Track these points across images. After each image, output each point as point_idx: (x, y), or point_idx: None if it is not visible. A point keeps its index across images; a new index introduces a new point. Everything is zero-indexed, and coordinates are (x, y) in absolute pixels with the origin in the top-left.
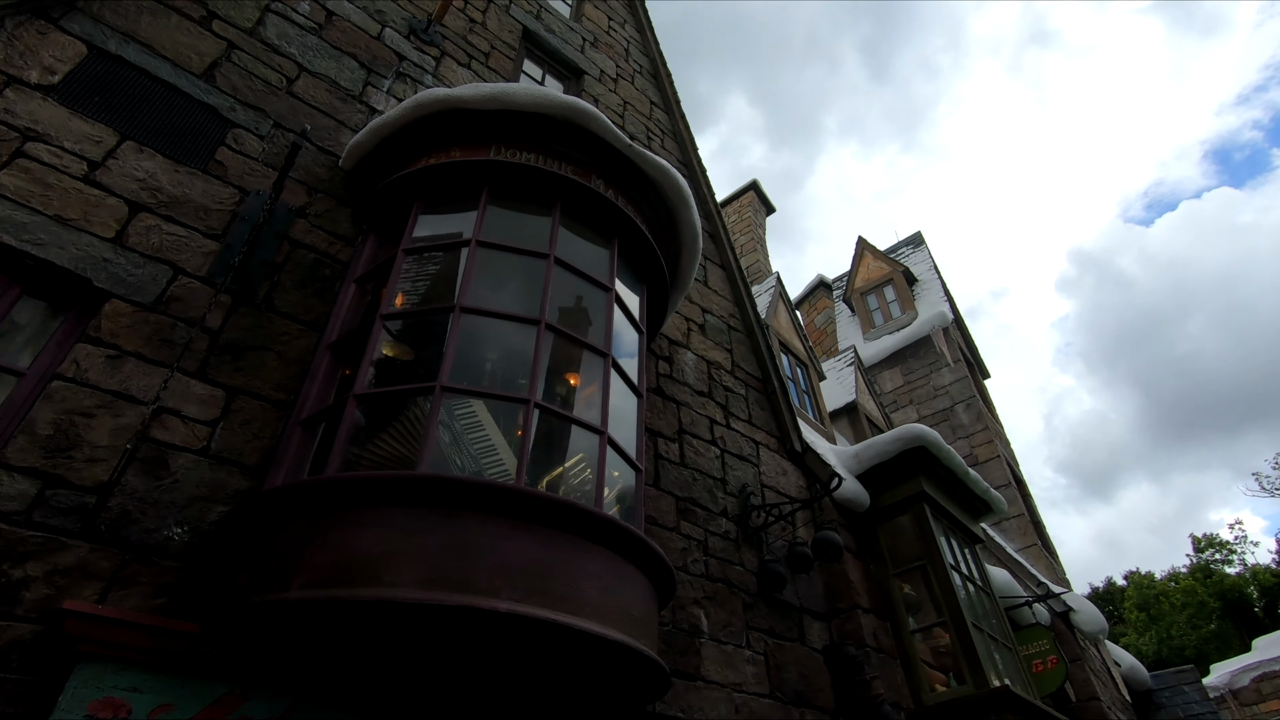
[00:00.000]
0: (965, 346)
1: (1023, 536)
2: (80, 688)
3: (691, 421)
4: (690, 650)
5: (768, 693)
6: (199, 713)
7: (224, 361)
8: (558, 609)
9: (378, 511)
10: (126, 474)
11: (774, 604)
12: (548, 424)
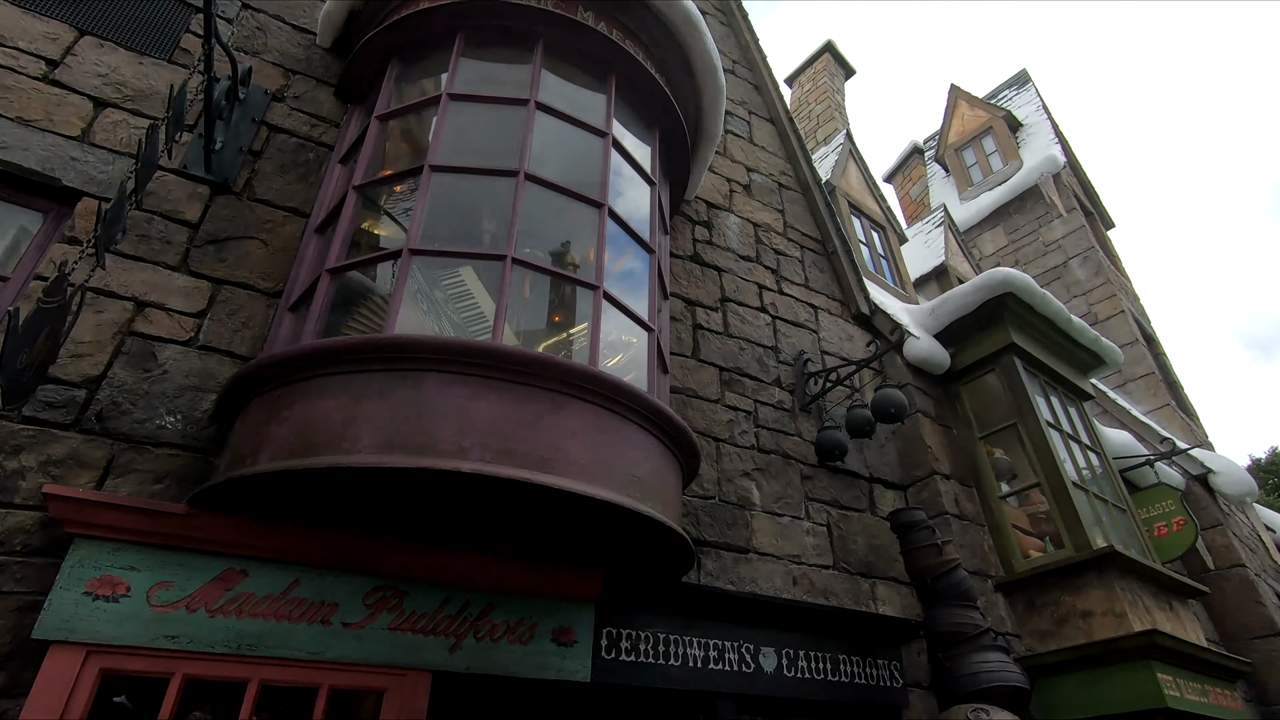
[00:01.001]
0: (1083, 194)
1: (1152, 397)
2: (76, 567)
3: (736, 289)
4: (740, 523)
5: (830, 564)
6: (198, 589)
7: (206, 254)
8: (534, 469)
9: (335, 380)
10: (114, 367)
11: (837, 474)
12: (548, 291)
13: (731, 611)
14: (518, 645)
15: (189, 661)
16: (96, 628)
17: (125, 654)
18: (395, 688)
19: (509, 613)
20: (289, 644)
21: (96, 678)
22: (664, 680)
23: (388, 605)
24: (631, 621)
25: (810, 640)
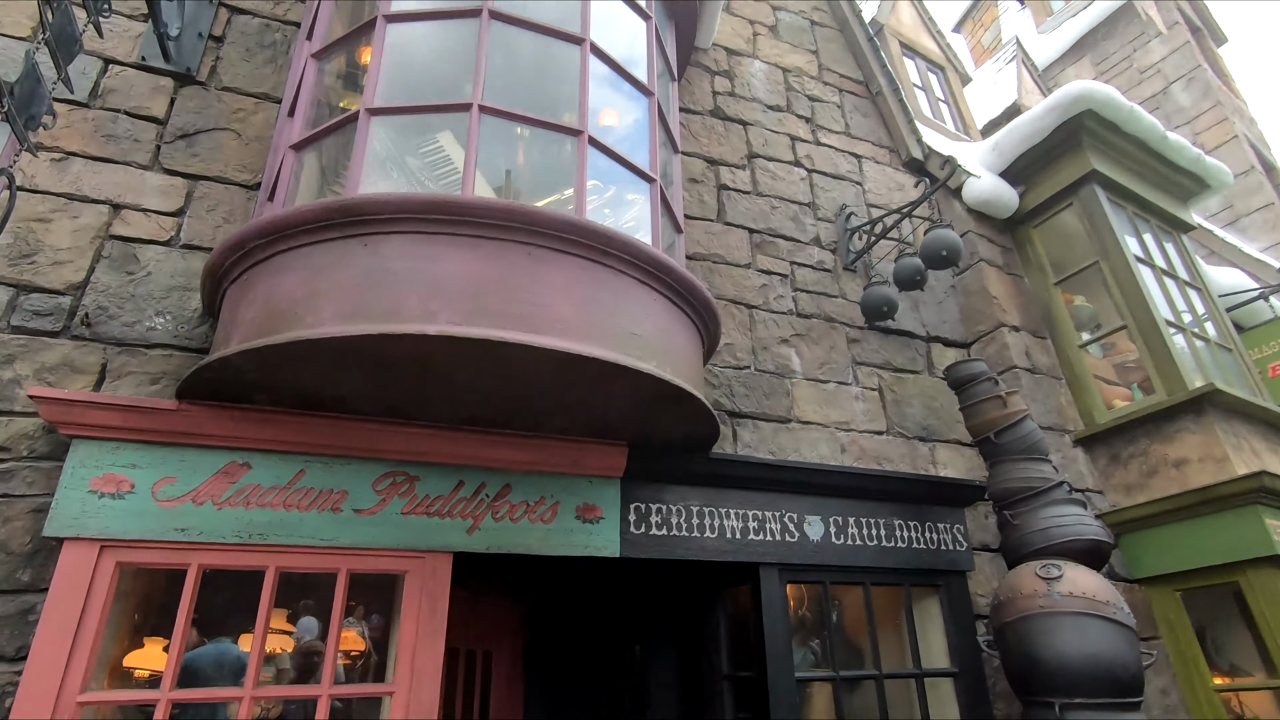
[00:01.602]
0: (1188, 6)
1: (1271, 232)
2: (78, 467)
3: (765, 143)
4: (779, 392)
5: (883, 429)
6: (203, 483)
7: (177, 150)
8: (508, 327)
9: (296, 254)
10: (97, 272)
11: (889, 335)
12: (537, 154)
13: (771, 481)
14: (540, 524)
15: (202, 552)
16: (105, 523)
17: (138, 547)
18: (415, 570)
19: (528, 492)
20: (300, 532)
21: (114, 570)
22: (699, 552)
23: (399, 490)
24: (661, 496)
25: (861, 507)
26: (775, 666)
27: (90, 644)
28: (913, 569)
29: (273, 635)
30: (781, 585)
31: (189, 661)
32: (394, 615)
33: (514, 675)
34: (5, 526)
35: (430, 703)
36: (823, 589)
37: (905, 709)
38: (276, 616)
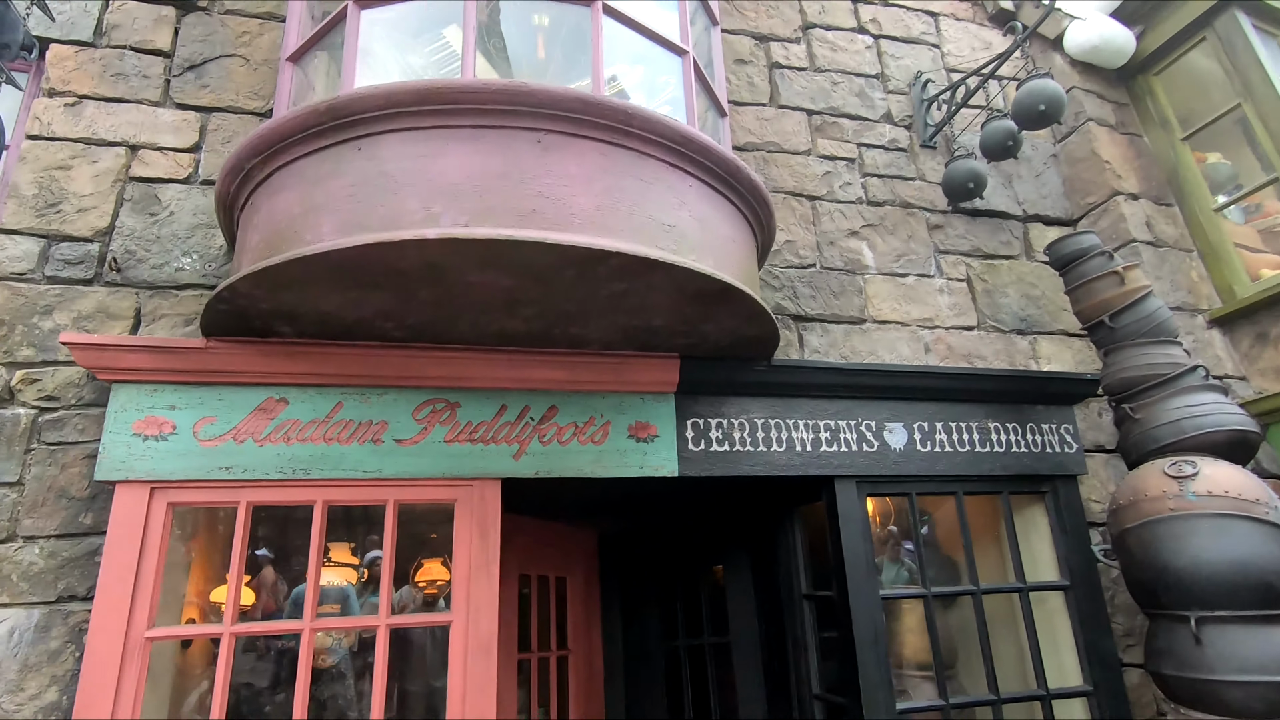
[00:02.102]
0: None
1: None
2: (119, 411)
3: (821, 10)
4: (849, 291)
5: (974, 324)
6: (242, 420)
7: (187, 82)
8: (518, 225)
9: (291, 170)
10: (121, 216)
11: (977, 217)
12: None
13: (844, 388)
14: (590, 446)
15: (250, 489)
16: (152, 465)
17: (187, 488)
18: (464, 498)
19: (575, 413)
20: (343, 465)
21: (167, 512)
22: (766, 467)
23: (440, 418)
24: (720, 410)
25: (950, 411)
26: (857, 584)
27: (152, 582)
28: (1013, 475)
29: (339, 569)
30: (860, 498)
31: (296, 596)
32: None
33: (589, 599)
34: (64, 473)
35: (488, 631)
36: (908, 501)
37: (1008, 627)
38: (340, 549)
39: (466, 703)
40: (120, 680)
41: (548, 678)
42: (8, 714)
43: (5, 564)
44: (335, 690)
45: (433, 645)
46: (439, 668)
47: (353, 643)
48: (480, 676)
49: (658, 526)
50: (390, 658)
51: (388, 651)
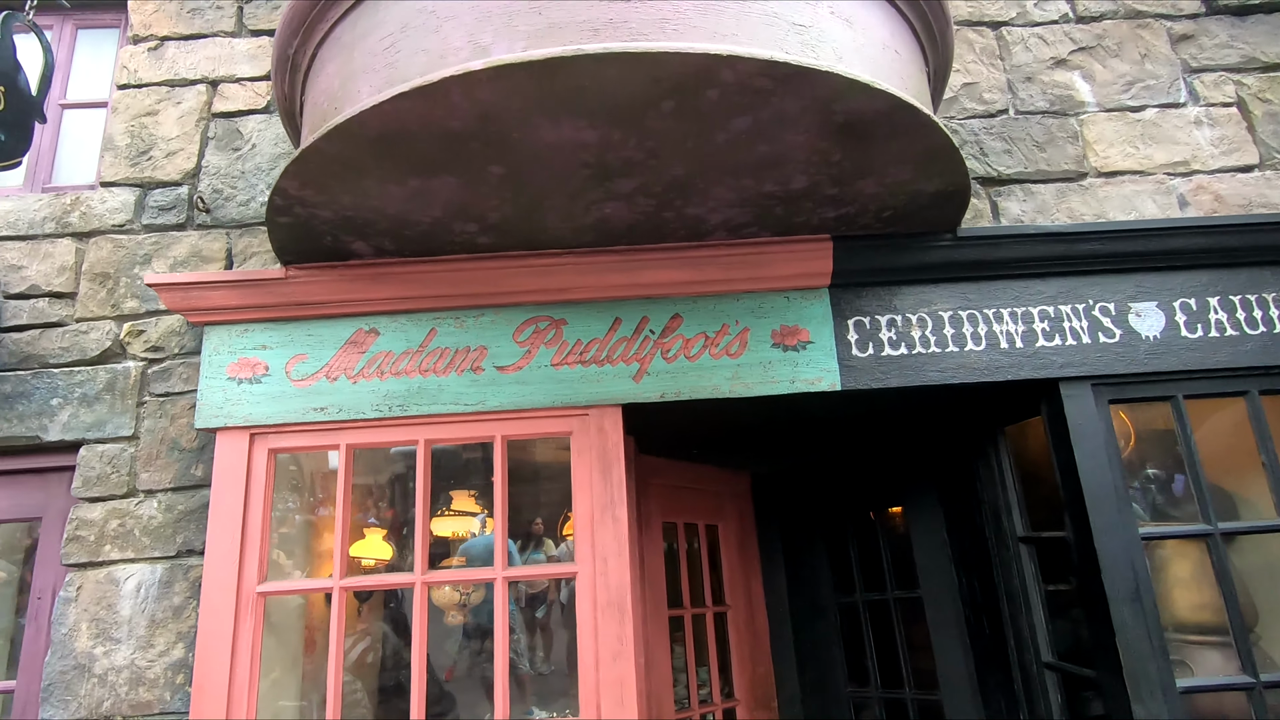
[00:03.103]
0: None
1: None
2: (213, 355)
3: None
4: (1059, 138)
5: (1253, 162)
6: (333, 356)
7: (259, 8)
8: (592, 39)
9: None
10: (206, 155)
11: (1246, 15)
12: None
13: (1065, 260)
14: (726, 360)
15: (347, 432)
16: (248, 410)
17: (285, 432)
18: (579, 430)
19: (704, 322)
20: (441, 399)
21: (268, 459)
22: (960, 372)
23: (544, 339)
24: (892, 303)
25: (1228, 279)
26: (1104, 521)
27: (259, 534)
28: None
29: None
30: (1100, 407)
31: (465, 550)
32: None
33: (746, 549)
34: (173, 425)
35: (619, 583)
36: (1172, 408)
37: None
38: (462, 497)
39: (600, 665)
40: (236, 637)
41: (704, 636)
42: (140, 671)
43: (128, 519)
44: (480, 646)
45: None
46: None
47: (519, 597)
48: (613, 635)
49: (819, 462)
50: (533, 614)
51: (506, 606)
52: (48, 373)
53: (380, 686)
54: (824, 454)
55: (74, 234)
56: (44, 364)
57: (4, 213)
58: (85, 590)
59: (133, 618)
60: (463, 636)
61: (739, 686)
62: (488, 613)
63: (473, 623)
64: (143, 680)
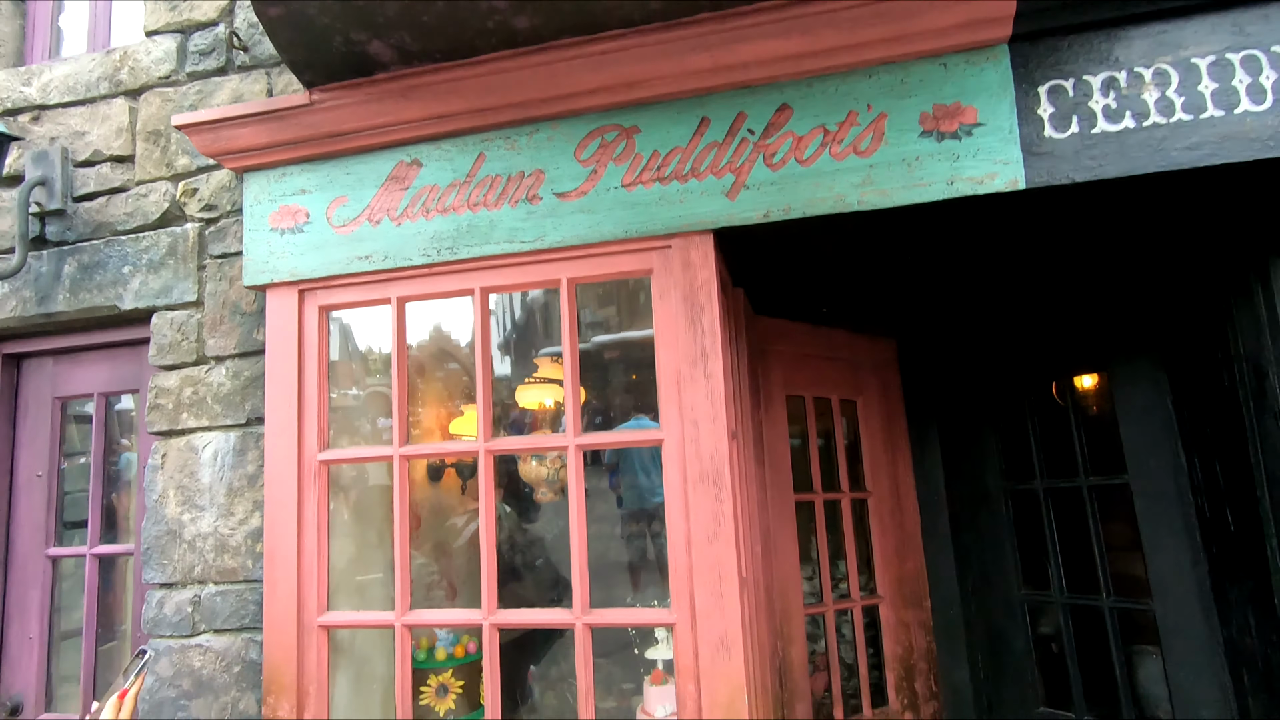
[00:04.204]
0: None
1: None
2: (254, 205)
3: None
4: None
5: None
6: (374, 196)
7: None
8: None
9: None
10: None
11: None
12: None
13: None
14: (852, 159)
15: (396, 283)
16: (293, 264)
17: (332, 287)
18: (661, 267)
19: (821, 111)
20: (494, 237)
21: (320, 318)
22: (1223, 147)
23: (612, 154)
24: (1113, 52)
25: None
26: None
27: (317, 400)
28: None
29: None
30: None
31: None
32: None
33: (891, 427)
34: (232, 288)
35: (714, 453)
36: None
37: None
38: (549, 364)
39: (693, 548)
40: (301, 506)
41: (839, 525)
42: (224, 539)
43: (200, 386)
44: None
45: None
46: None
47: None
48: (707, 512)
49: (986, 318)
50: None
51: (582, 478)
52: (117, 240)
53: (501, 567)
54: (992, 304)
55: (126, 92)
56: (114, 231)
57: (64, 77)
58: (169, 458)
59: (212, 486)
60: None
61: (882, 583)
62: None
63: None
64: (226, 548)
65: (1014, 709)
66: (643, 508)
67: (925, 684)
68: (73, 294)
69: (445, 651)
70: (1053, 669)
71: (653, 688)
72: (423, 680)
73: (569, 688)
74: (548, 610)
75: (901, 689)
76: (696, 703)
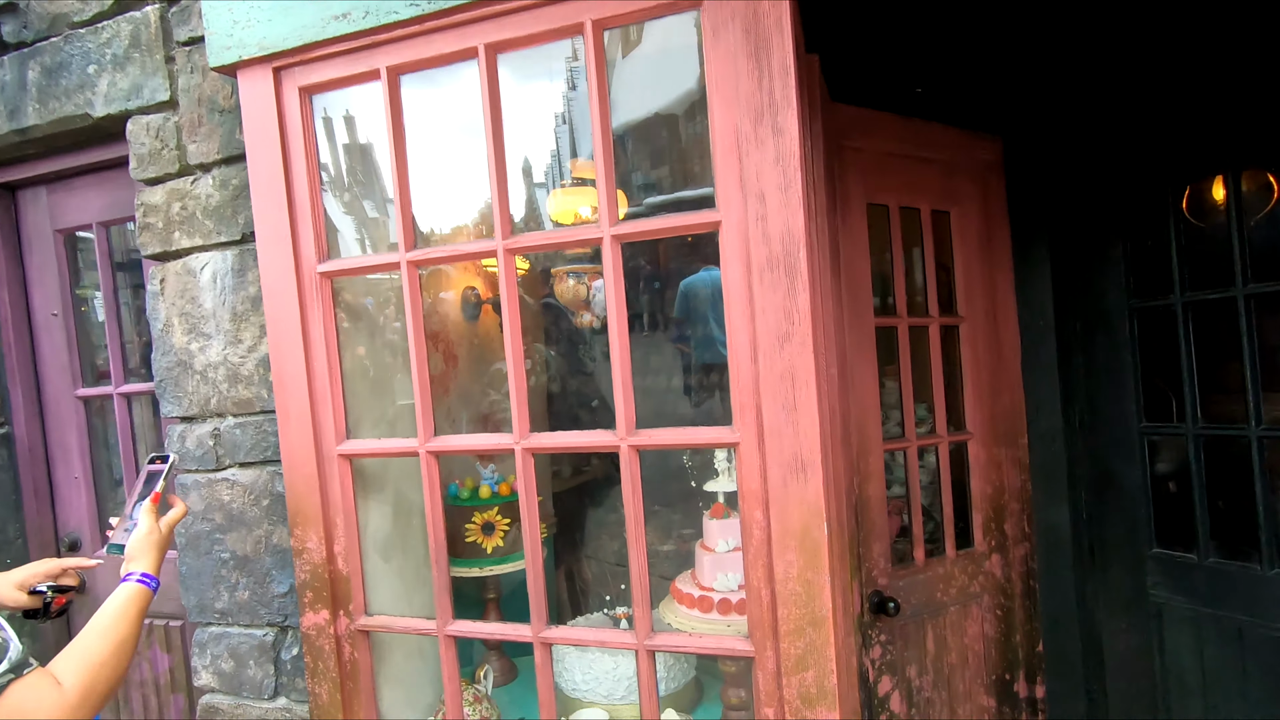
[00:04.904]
0: None
1: None
2: None
3: None
4: None
5: None
6: None
7: None
8: None
9: None
10: None
11: None
12: None
13: None
14: None
15: (382, 48)
16: (262, 33)
17: (310, 62)
18: (712, 5)
19: None
20: None
21: (302, 102)
22: None
23: None
24: None
25: None
26: None
27: (309, 204)
28: None
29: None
30: None
31: (686, 287)
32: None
33: (991, 240)
34: (205, 81)
35: (785, 232)
36: None
37: None
38: (584, 165)
39: (759, 354)
40: (306, 325)
41: (925, 354)
42: (235, 368)
43: (188, 200)
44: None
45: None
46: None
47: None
48: (776, 308)
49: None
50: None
51: (621, 275)
52: (76, 35)
53: (549, 411)
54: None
55: None
56: (70, 24)
57: None
58: (168, 283)
59: (215, 311)
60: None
61: (972, 417)
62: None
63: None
64: (239, 377)
65: (1120, 551)
66: (713, 363)
67: (1016, 525)
68: (42, 104)
69: (490, 489)
70: (1169, 509)
71: (713, 521)
72: (467, 518)
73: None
74: (587, 433)
75: (989, 530)
76: (765, 530)
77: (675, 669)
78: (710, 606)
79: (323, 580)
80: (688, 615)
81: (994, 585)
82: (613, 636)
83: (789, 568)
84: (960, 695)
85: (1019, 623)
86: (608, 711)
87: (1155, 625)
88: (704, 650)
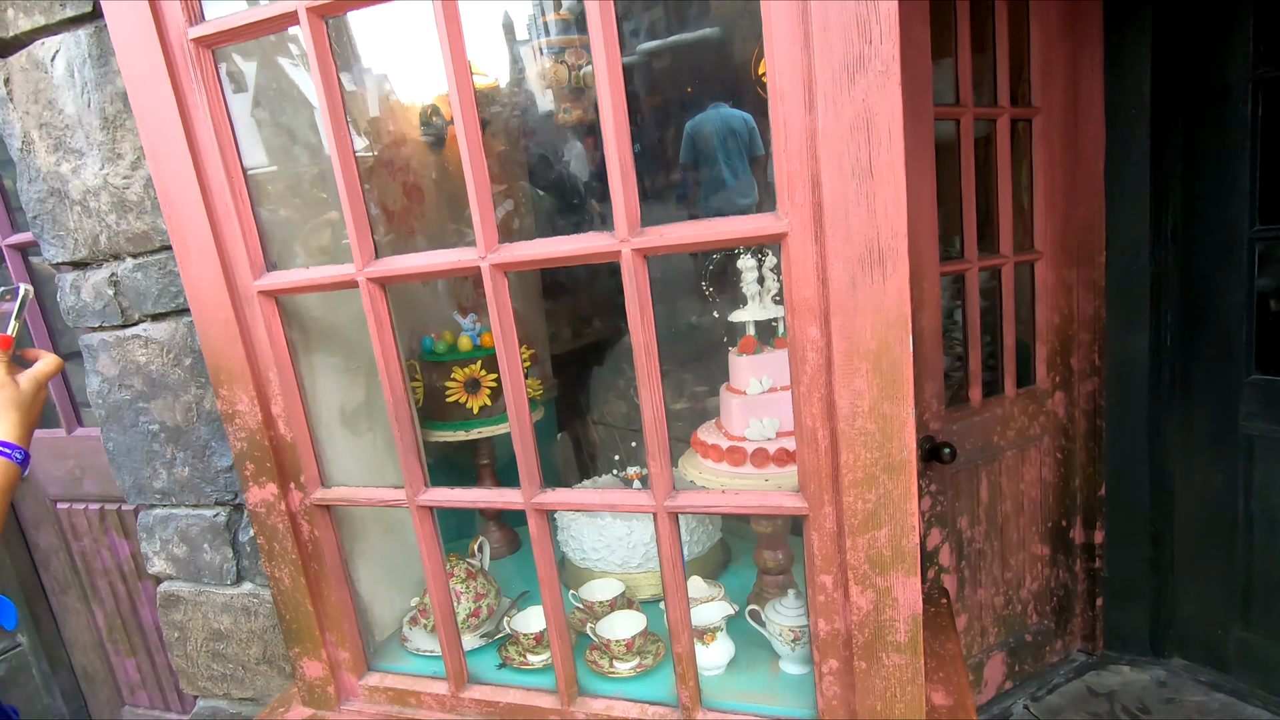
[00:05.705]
0: None
1: None
2: None
3: None
4: None
5: None
6: None
7: None
8: None
9: None
10: None
11: None
12: None
13: None
14: None
15: None
16: None
17: None
18: None
19: None
20: None
21: None
22: None
23: None
24: None
25: None
26: None
27: None
28: None
29: None
30: None
31: (692, 128)
32: None
33: (1073, 17)
34: None
35: None
36: None
37: None
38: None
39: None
40: (186, 115)
41: (990, 157)
42: (119, 192)
43: None
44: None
45: None
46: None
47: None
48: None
49: None
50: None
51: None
52: None
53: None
54: None
55: None
56: None
57: None
58: (15, 83)
59: (81, 116)
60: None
61: (1042, 233)
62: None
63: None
64: (126, 204)
65: (1210, 378)
66: (724, 210)
67: (1085, 358)
68: None
69: (471, 341)
70: (1273, 330)
71: (742, 358)
72: (446, 374)
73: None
74: (576, 237)
75: (1054, 365)
76: (823, 353)
77: (699, 532)
78: (743, 458)
79: (263, 449)
80: (714, 470)
81: (1055, 426)
82: (624, 498)
83: (856, 400)
84: (1014, 544)
85: (1079, 465)
86: (623, 581)
87: (1244, 461)
88: (742, 509)
